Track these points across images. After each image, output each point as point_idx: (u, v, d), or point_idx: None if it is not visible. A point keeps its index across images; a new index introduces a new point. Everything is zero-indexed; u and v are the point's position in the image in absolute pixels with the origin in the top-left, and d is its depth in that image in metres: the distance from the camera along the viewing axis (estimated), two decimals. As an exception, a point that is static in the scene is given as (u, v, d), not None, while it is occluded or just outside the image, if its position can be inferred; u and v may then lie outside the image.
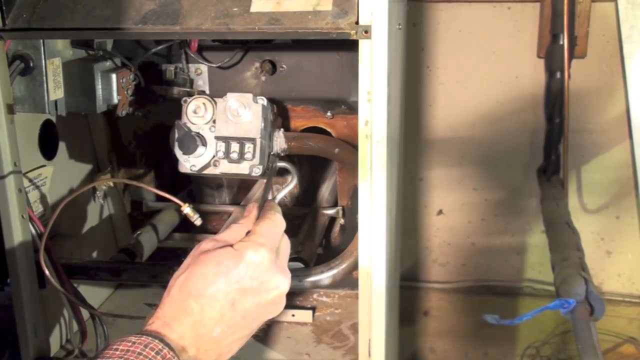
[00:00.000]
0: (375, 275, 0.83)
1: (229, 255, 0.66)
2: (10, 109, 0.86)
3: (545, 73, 1.47)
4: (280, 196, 0.85)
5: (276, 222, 0.72)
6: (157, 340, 0.61)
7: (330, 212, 1.16)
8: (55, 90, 0.90)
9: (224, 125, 0.89)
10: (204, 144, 0.89)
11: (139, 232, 1.12)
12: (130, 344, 0.60)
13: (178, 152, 0.89)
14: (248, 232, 0.70)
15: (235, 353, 0.68)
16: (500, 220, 1.64)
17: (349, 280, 0.99)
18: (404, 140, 1.14)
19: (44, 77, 0.88)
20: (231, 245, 0.67)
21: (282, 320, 1.12)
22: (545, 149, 1.50)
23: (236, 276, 0.65)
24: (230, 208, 1.22)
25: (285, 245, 0.73)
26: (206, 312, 0.64)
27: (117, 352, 0.60)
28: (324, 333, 1.09)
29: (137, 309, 1.14)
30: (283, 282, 0.68)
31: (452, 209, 1.65)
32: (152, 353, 0.60)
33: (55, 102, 0.91)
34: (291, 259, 0.98)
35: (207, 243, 0.68)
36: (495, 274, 1.67)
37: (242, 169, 0.89)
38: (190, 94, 1.00)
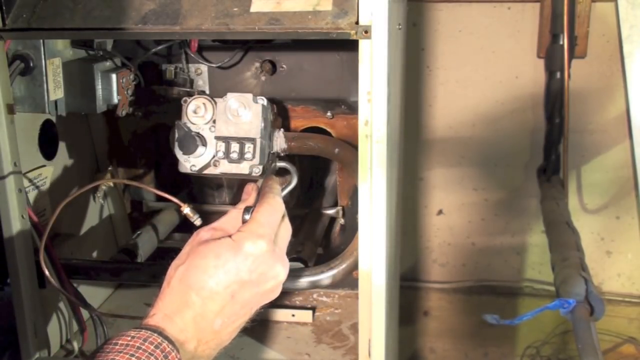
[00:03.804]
0: (375, 275, 0.83)
1: (228, 247, 0.66)
2: (10, 109, 0.86)
3: (545, 73, 1.47)
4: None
5: (275, 207, 0.72)
6: (156, 334, 0.61)
7: (330, 212, 1.16)
8: (55, 90, 0.90)
9: (224, 125, 0.89)
10: (204, 144, 0.89)
11: (139, 232, 1.12)
12: (129, 338, 0.60)
13: (178, 152, 0.89)
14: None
15: (233, 339, 0.69)
16: (500, 220, 1.64)
17: (349, 280, 0.99)
18: (404, 140, 1.14)
19: (44, 77, 0.88)
20: (230, 236, 0.67)
21: (282, 320, 1.12)
22: (545, 149, 1.50)
23: (235, 269, 0.66)
24: (230, 208, 1.22)
25: (285, 229, 0.73)
26: (207, 305, 0.65)
27: (117, 347, 0.60)
28: (324, 333, 1.09)
29: (137, 309, 1.14)
30: (281, 272, 0.69)
31: (452, 209, 1.65)
32: (152, 347, 0.60)
33: (55, 102, 0.91)
34: (291, 259, 0.98)
35: (205, 232, 0.69)
36: (495, 274, 1.67)
37: (242, 169, 0.89)
38: (190, 94, 1.00)
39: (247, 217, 0.70)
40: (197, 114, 0.89)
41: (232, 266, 0.65)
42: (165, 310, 0.64)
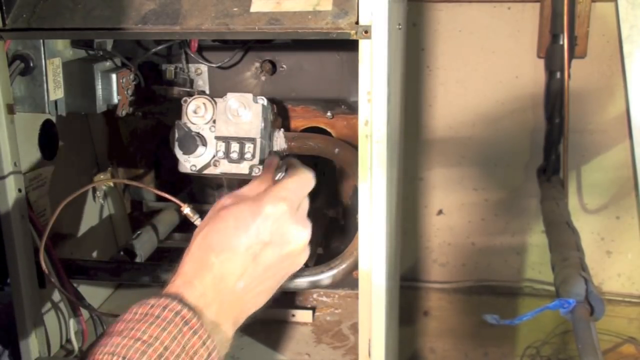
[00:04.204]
0: (375, 275, 0.83)
1: (248, 209, 0.66)
2: (10, 109, 0.86)
3: (545, 73, 1.47)
4: None
5: (305, 181, 0.72)
6: (175, 302, 0.60)
7: (330, 212, 1.16)
8: (55, 90, 0.90)
9: (224, 125, 0.89)
10: (204, 144, 0.89)
11: (139, 232, 1.12)
12: (148, 307, 0.60)
13: (178, 152, 0.89)
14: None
15: (260, 307, 0.68)
16: (500, 220, 1.64)
17: (349, 280, 0.99)
18: (404, 140, 1.14)
19: (44, 77, 0.88)
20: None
21: (282, 320, 1.12)
22: (545, 149, 1.50)
23: (255, 230, 0.65)
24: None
25: (306, 203, 0.72)
26: (227, 266, 0.64)
27: (136, 316, 0.59)
28: (324, 333, 1.09)
29: (137, 309, 1.14)
30: (303, 234, 0.69)
31: (452, 209, 1.65)
32: (171, 314, 0.59)
33: (55, 102, 0.91)
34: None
35: (227, 199, 0.69)
36: (495, 274, 1.67)
37: (242, 169, 0.89)
38: (190, 94, 1.00)
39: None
40: (197, 114, 0.89)
41: (252, 227, 0.65)
42: (185, 276, 0.64)
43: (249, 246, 0.65)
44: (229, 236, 0.65)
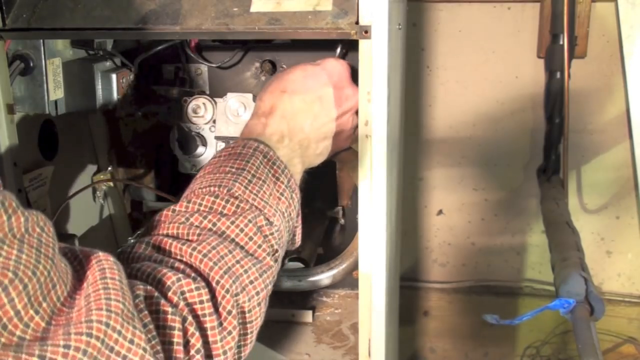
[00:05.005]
0: (375, 275, 0.83)
1: (311, 65, 0.79)
2: (10, 109, 0.86)
3: (545, 73, 1.47)
4: None
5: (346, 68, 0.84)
6: (252, 140, 0.71)
7: (330, 212, 1.16)
8: (55, 90, 0.90)
9: (224, 125, 0.89)
10: (204, 144, 0.89)
11: (139, 232, 1.12)
12: (230, 148, 0.71)
13: (178, 152, 0.89)
14: None
15: (321, 160, 0.81)
16: (500, 220, 1.64)
17: (349, 280, 0.99)
18: (404, 140, 1.14)
19: (44, 77, 0.88)
20: None
21: (282, 320, 1.12)
22: (545, 149, 1.49)
23: (321, 78, 0.78)
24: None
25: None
26: (297, 105, 0.76)
27: (222, 158, 0.70)
28: (324, 333, 1.09)
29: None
30: (356, 94, 0.78)
31: (452, 209, 1.65)
32: (251, 150, 0.70)
33: (55, 102, 0.91)
34: (291, 259, 0.98)
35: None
36: (495, 274, 1.67)
37: (242, 169, 0.89)
38: (190, 94, 1.00)
39: None
40: (197, 114, 0.89)
41: (319, 77, 0.78)
42: (259, 116, 0.76)
43: (318, 90, 0.77)
44: (300, 82, 0.77)
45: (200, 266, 0.59)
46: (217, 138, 0.89)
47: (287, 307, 1.14)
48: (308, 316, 1.13)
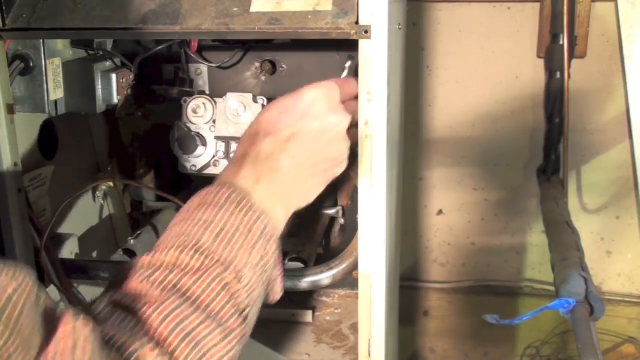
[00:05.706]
0: (375, 275, 0.83)
1: (289, 98, 0.73)
2: (10, 109, 0.86)
3: (545, 73, 1.47)
4: None
5: (343, 79, 0.78)
6: (225, 188, 0.67)
7: (330, 212, 1.16)
8: (55, 90, 0.90)
9: (224, 125, 0.89)
10: (204, 144, 0.89)
11: (139, 232, 1.12)
12: (201, 197, 0.68)
13: (178, 152, 0.89)
14: None
15: (309, 201, 0.76)
16: (500, 220, 1.64)
17: (349, 280, 0.99)
18: (404, 140, 1.14)
19: (44, 77, 0.88)
20: None
21: (282, 320, 1.12)
22: (545, 149, 1.49)
23: (298, 113, 0.72)
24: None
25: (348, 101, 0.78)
26: (271, 146, 0.71)
27: (192, 208, 0.68)
28: (324, 333, 1.09)
29: (137, 309, 1.14)
30: (343, 120, 0.74)
31: (452, 209, 1.65)
32: (223, 199, 0.66)
33: (55, 102, 0.91)
34: (291, 259, 0.98)
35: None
36: (495, 274, 1.67)
37: (242, 169, 0.89)
38: (190, 94, 1.00)
39: None
40: (197, 114, 0.89)
41: (294, 110, 0.72)
42: (234, 161, 0.72)
43: (292, 126, 0.71)
44: (274, 120, 0.71)
45: (159, 329, 0.56)
46: (217, 138, 0.89)
47: (287, 307, 1.14)
48: (308, 316, 1.13)
